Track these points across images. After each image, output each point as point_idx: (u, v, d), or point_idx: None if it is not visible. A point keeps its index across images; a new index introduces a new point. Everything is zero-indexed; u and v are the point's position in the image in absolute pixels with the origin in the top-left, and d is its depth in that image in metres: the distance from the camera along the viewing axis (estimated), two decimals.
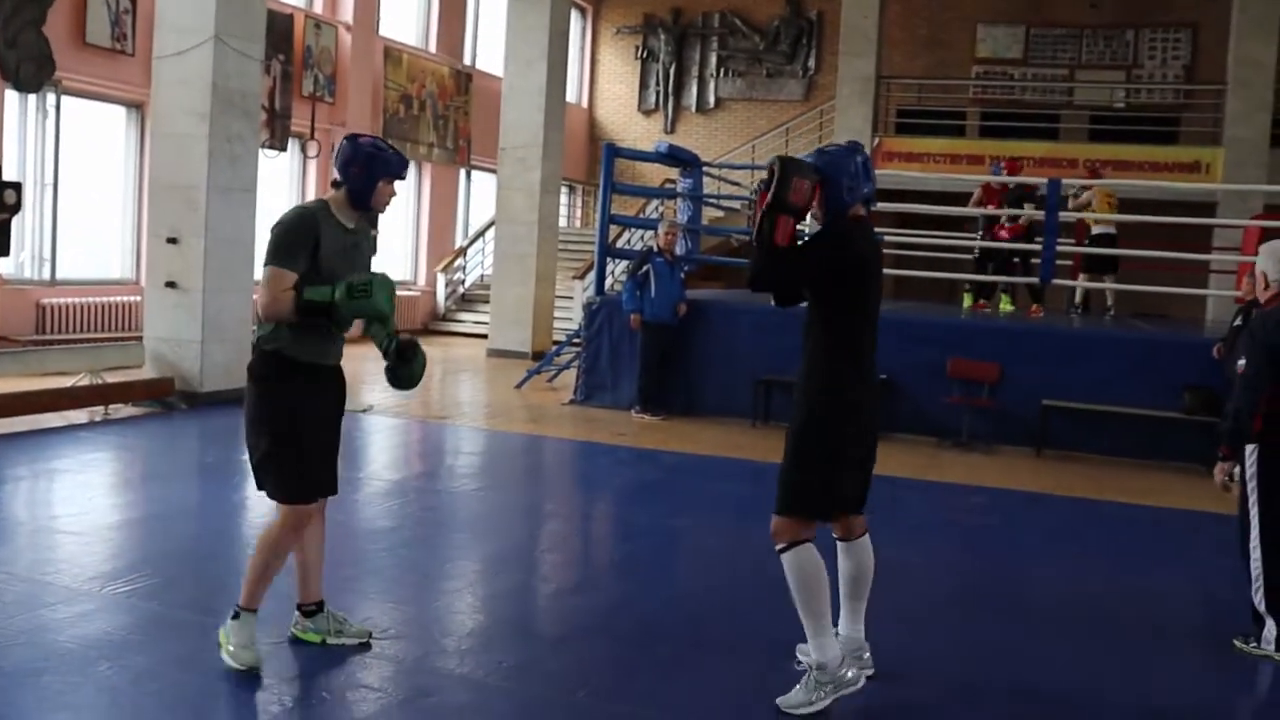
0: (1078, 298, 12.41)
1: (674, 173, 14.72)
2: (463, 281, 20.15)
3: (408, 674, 4.15)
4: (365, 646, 4.27)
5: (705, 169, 13.06)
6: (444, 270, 19.60)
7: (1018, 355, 10.15)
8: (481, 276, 19.93)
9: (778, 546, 3.94)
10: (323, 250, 3.90)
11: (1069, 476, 9.01)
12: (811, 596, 3.87)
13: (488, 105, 18.45)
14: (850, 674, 3.94)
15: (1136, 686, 4.46)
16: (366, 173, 3.96)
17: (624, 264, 15.70)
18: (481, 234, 19.99)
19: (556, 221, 16.43)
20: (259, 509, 6.82)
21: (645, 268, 10.83)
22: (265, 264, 3.87)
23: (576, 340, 12.58)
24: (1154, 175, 17.58)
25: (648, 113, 23.94)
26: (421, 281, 19.42)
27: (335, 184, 4.03)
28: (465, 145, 19.67)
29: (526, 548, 6.39)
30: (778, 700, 3.90)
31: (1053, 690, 4.35)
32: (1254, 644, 4.90)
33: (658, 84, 23.80)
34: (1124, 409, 9.58)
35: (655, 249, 11.07)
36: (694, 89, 23.62)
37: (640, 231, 17.81)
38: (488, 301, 17.09)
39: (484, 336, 16.54)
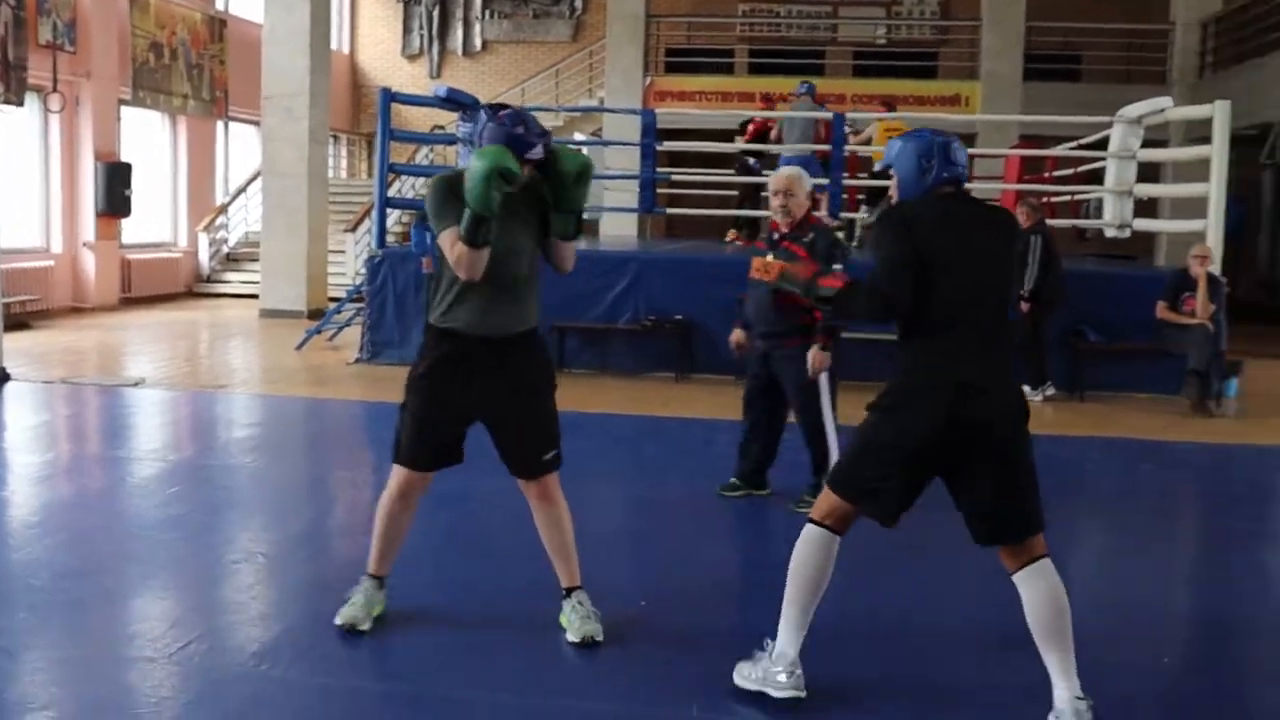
0: (858, 232, 12.59)
1: (446, 117, 14.22)
2: (226, 240, 19.06)
3: (231, 681, 3.75)
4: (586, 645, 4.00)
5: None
6: (206, 229, 18.48)
7: None
8: (247, 234, 18.89)
9: None
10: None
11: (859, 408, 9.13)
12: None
13: (245, 53, 17.37)
14: None
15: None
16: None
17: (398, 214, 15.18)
18: (244, 189, 18.94)
19: (326, 173, 15.72)
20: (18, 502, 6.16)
21: None
22: (435, 235, 3.88)
23: (358, 296, 12.04)
24: (917, 109, 18.13)
25: (412, 58, 23.19)
26: (183, 242, 18.26)
27: None
28: (222, 96, 18.50)
29: (328, 527, 5.99)
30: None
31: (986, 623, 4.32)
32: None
33: (421, 27, 23.06)
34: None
35: None
36: (459, 32, 23.01)
37: (414, 180, 17.21)
38: (256, 260, 16.23)
39: (254, 297, 15.67)
